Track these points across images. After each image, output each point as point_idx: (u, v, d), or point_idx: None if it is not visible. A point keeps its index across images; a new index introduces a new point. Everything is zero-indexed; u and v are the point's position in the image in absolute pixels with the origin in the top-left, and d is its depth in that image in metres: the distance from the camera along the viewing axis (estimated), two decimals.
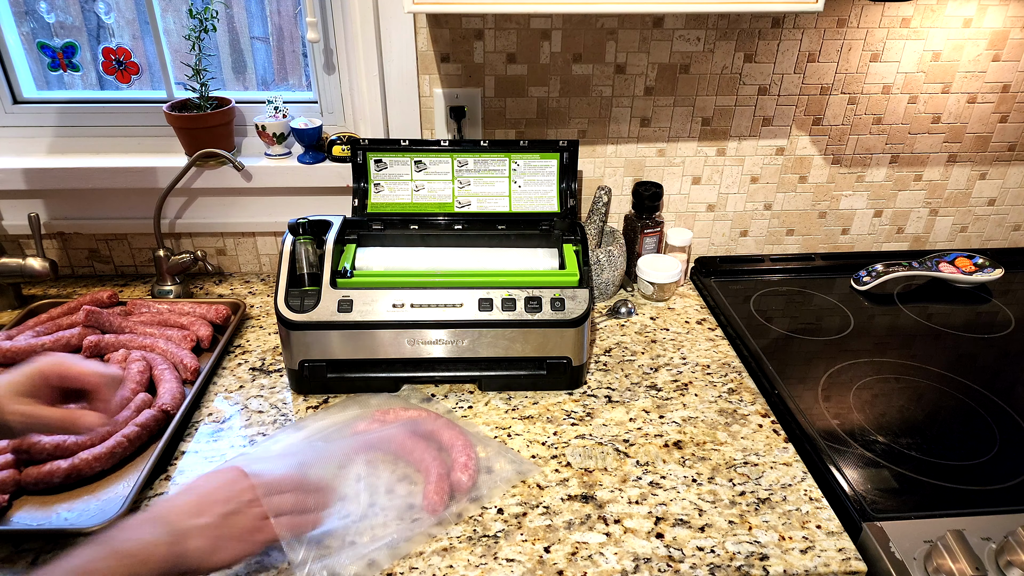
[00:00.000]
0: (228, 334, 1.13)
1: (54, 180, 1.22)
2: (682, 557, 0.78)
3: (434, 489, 0.81)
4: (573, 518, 0.82)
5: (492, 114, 1.24)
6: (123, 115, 1.26)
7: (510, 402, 1.01)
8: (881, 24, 1.20)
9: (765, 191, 1.35)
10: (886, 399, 1.02)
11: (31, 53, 1.24)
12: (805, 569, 0.77)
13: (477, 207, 1.13)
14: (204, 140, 1.20)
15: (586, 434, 0.96)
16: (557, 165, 1.14)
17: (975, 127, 1.32)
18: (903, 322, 1.22)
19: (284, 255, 0.99)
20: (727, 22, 1.18)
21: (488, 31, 1.16)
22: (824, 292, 1.30)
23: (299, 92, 1.31)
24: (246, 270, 1.37)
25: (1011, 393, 1.04)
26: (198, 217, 1.29)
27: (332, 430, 0.92)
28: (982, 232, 1.44)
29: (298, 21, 1.25)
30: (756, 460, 0.91)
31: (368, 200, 1.12)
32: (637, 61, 1.20)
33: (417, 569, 0.76)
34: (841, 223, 1.40)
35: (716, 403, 1.02)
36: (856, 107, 1.28)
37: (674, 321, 1.22)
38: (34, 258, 1.19)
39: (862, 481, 0.87)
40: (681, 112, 1.25)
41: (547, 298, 0.98)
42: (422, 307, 0.97)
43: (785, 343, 1.16)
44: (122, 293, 1.28)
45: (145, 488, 0.85)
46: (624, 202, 1.33)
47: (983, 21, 1.21)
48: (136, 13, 1.22)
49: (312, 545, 0.76)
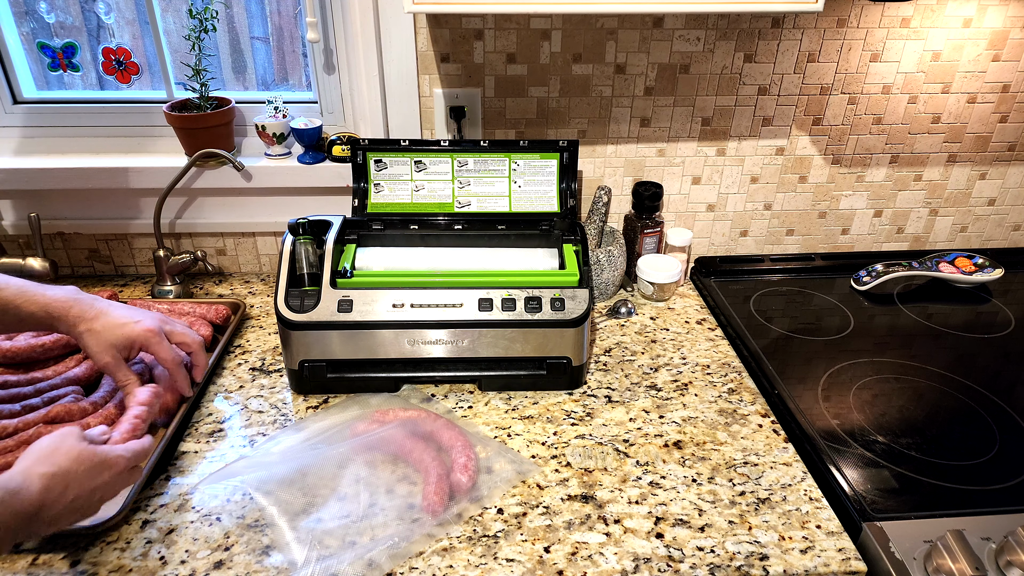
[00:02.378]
0: (228, 334, 1.13)
1: (54, 180, 1.22)
2: (682, 557, 0.78)
3: (434, 490, 0.81)
4: (573, 518, 0.82)
5: (492, 114, 1.24)
6: (123, 115, 1.26)
7: (510, 402, 1.01)
8: (881, 24, 1.20)
9: (765, 191, 1.35)
10: (886, 399, 1.02)
11: (31, 53, 1.24)
12: (805, 569, 0.77)
13: (477, 207, 1.13)
14: (204, 140, 1.20)
15: (586, 434, 0.96)
16: (557, 165, 1.14)
17: (975, 127, 1.32)
18: (903, 322, 1.22)
19: (284, 255, 0.99)
20: (727, 22, 1.18)
21: (488, 31, 1.16)
22: (824, 292, 1.30)
23: (299, 92, 1.31)
24: (246, 270, 1.37)
25: (1011, 393, 1.04)
26: (198, 217, 1.29)
27: (332, 431, 0.92)
28: (982, 232, 1.44)
29: (298, 21, 1.25)
30: (756, 460, 0.91)
31: (368, 200, 1.12)
32: (637, 61, 1.20)
33: (417, 569, 0.76)
34: (841, 223, 1.40)
35: (716, 403, 1.02)
36: (856, 107, 1.28)
37: (674, 321, 1.22)
38: (34, 258, 1.19)
39: (862, 481, 0.87)
40: (681, 112, 1.25)
41: (547, 298, 0.98)
42: (422, 307, 0.97)
43: (785, 343, 1.16)
44: (122, 293, 1.28)
45: (145, 488, 0.85)
46: (624, 202, 1.33)
47: (983, 21, 1.21)
48: (136, 13, 1.22)
49: (312, 545, 0.76)
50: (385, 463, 0.87)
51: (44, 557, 0.77)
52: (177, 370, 0.93)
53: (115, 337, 0.87)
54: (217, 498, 0.85)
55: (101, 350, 0.86)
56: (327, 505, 0.81)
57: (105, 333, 0.86)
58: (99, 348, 0.86)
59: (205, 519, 0.81)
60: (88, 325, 0.86)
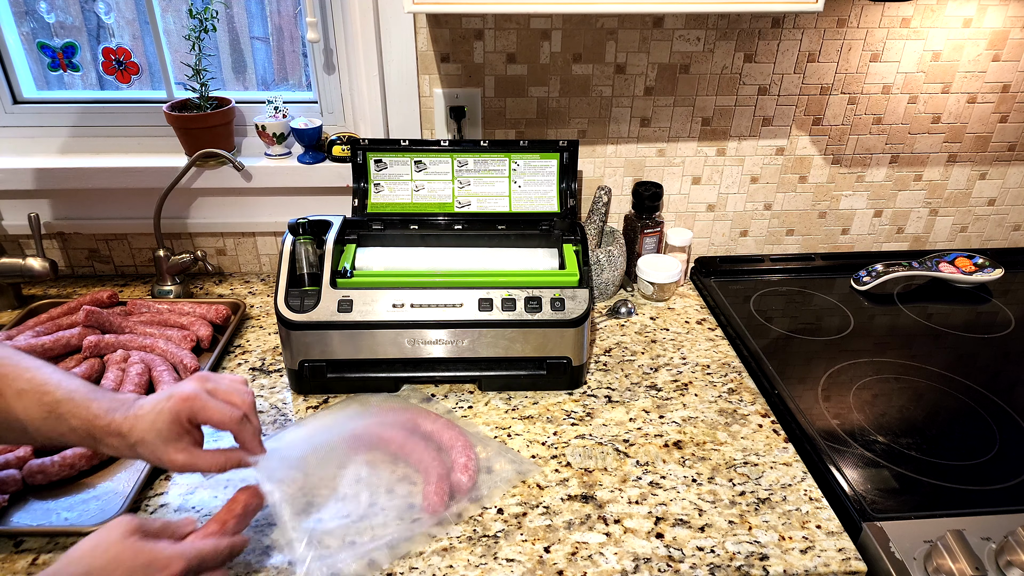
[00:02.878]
0: (228, 334, 1.13)
1: (54, 180, 1.22)
2: (682, 557, 0.78)
3: (434, 490, 0.81)
4: (573, 518, 0.82)
5: (492, 114, 1.24)
6: (123, 115, 1.26)
7: (510, 402, 1.01)
8: (881, 24, 1.20)
9: (765, 191, 1.35)
10: (886, 399, 1.02)
11: (31, 53, 1.24)
12: (805, 569, 0.77)
13: (477, 207, 1.13)
14: (204, 140, 1.20)
15: (586, 434, 0.96)
16: (557, 165, 1.14)
17: (975, 127, 1.32)
18: (903, 322, 1.22)
19: (284, 255, 0.99)
20: (727, 22, 1.18)
21: (488, 31, 1.16)
22: (824, 292, 1.30)
23: (299, 92, 1.31)
24: (246, 270, 1.37)
25: (1011, 393, 1.04)
26: (198, 217, 1.29)
27: (332, 431, 0.92)
28: (982, 232, 1.44)
29: (298, 21, 1.25)
30: (756, 460, 0.91)
31: (368, 200, 1.12)
32: (637, 61, 1.20)
33: (417, 569, 0.76)
34: (841, 223, 1.40)
35: (716, 403, 1.02)
36: (856, 107, 1.28)
37: (674, 321, 1.22)
38: (34, 258, 1.19)
39: (862, 481, 0.87)
40: (681, 112, 1.25)
41: (547, 298, 0.98)
42: (422, 307, 0.97)
43: (785, 343, 1.16)
44: (122, 293, 1.28)
45: (145, 488, 0.85)
46: (624, 202, 1.33)
47: (983, 21, 1.21)
48: (136, 13, 1.22)
49: (312, 544, 0.76)
50: (385, 463, 0.87)
51: (44, 557, 0.77)
52: (239, 429, 0.75)
53: (161, 428, 0.71)
54: (217, 499, 0.85)
55: (163, 455, 0.72)
56: (327, 505, 0.81)
57: (151, 433, 0.71)
58: (159, 455, 0.72)
59: (205, 519, 0.81)
60: (135, 439, 0.71)
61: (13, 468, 0.84)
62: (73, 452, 0.85)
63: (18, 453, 0.85)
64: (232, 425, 0.74)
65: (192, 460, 0.72)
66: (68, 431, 0.71)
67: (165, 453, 0.71)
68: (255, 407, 0.79)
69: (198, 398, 0.73)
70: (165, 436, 0.71)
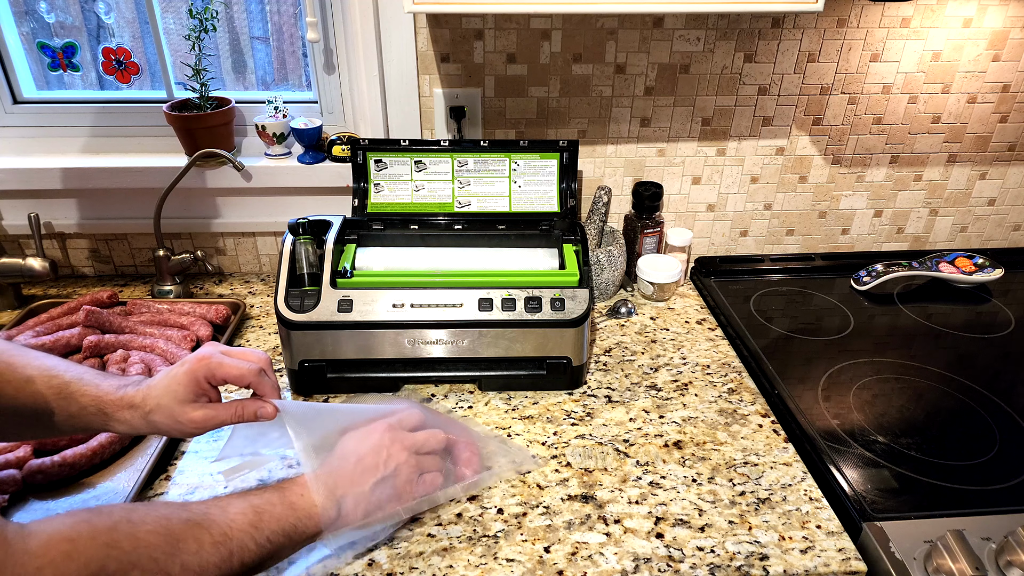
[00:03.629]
0: (228, 334, 1.13)
1: (54, 180, 1.22)
2: (682, 557, 0.78)
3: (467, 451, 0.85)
4: (573, 518, 0.82)
5: (492, 114, 1.24)
6: (123, 115, 1.26)
7: (510, 402, 1.01)
8: (881, 24, 1.20)
9: (765, 191, 1.35)
10: (886, 399, 1.02)
11: (31, 53, 1.24)
12: (805, 569, 0.77)
13: (477, 207, 1.13)
14: (204, 140, 1.20)
15: (586, 434, 0.96)
16: (557, 165, 1.14)
17: (975, 127, 1.32)
18: (903, 322, 1.22)
19: (284, 255, 0.99)
20: (727, 22, 1.18)
21: (488, 31, 1.16)
22: (824, 292, 1.30)
23: (299, 92, 1.31)
24: (246, 270, 1.37)
25: (1011, 393, 1.04)
26: (198, 217, 1.29)
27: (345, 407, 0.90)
28: (982, 232, 1.44)
29: (298, 21, 1.25)
30: (756, 460, 0.91)
31: (368, 200, 1.12)
32: (637, 61, 1.20)
33: (417, 569, 0.76)
34: (841, 223, 1.40)
35: (716, 403, 1.02)
36: (856, 107, 1.28)
37: (674, 321, 1.22)
38: (34, 258, 1.19)
39: (862, 481, 0.87)
40: (681, 112, 1.25)
41: (547, 298, 0.98)
42: (422, 307, 0.97)
43: (785, 343, 1.16)
44: (122, 293, 1.28)
45: (145, 488, 0.85)
46: (624, 202, 1.33)
47: (983, 21, 1.21)
48: (136, 13, 1.22)
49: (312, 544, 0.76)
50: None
51: None
52: (259, 381, 0.76)
53: (176, 389, 0.72)
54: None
55: (180, 415, 0.72)
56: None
57: (166, 397, 0.72)
58: (177, 417, 0.72)
59: None
60: (150, 406, 0.72)
61: (13, 468, 0.84)
62: (73, 452, 0.85)
63: (18, 453, 0.85)
64: (251, 377, 0.75)
65: (212, 414, 0.73)
66: (79, 410, 0.72)
67: (183, 413, 0.72)
68: (272, 364, 0.79)
69: (213, 356, 0.74)
70: (181, 397, 0.72)
